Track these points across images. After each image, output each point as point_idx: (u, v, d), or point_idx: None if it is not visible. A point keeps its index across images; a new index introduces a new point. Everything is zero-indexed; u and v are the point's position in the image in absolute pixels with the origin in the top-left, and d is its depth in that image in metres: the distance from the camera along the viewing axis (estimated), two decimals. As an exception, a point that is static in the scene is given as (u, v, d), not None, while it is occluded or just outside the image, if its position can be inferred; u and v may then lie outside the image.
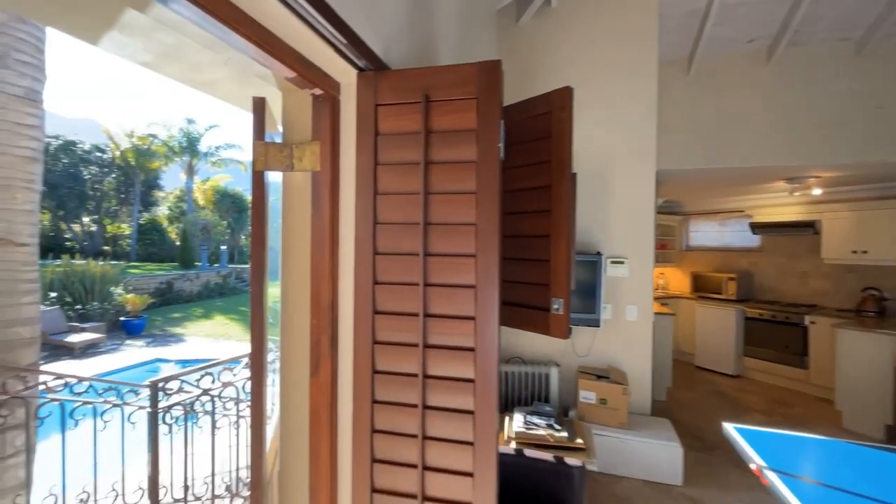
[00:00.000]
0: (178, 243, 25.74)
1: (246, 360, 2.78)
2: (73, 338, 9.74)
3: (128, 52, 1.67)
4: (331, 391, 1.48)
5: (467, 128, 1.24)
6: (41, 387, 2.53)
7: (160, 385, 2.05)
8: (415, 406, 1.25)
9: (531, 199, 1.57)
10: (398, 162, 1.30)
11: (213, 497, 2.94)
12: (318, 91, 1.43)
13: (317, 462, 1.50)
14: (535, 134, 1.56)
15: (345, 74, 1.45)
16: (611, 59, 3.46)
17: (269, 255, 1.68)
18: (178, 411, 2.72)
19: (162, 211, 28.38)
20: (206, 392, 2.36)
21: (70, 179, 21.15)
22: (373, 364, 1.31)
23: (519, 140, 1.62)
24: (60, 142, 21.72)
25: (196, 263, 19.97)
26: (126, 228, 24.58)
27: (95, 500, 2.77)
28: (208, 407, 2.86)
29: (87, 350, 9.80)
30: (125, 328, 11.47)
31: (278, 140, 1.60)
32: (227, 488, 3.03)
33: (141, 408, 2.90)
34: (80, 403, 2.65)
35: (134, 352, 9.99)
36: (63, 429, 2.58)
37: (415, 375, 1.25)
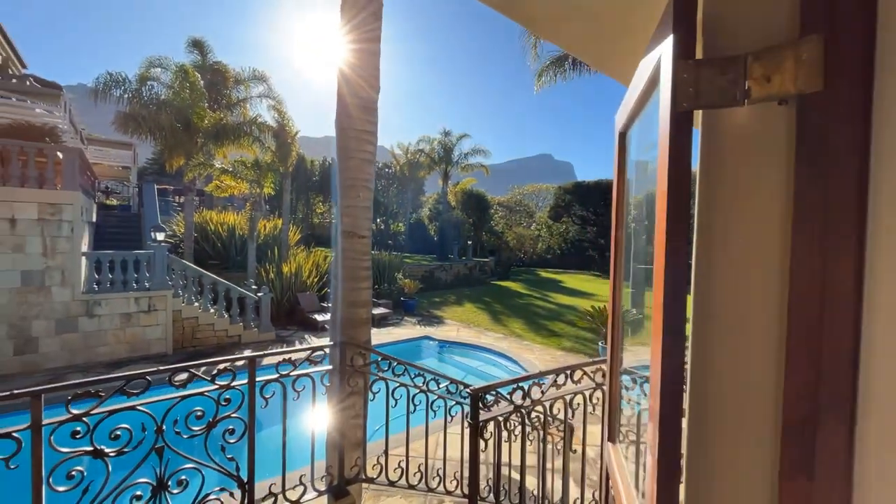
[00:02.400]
0: (435, 238, 30.72)
1: (553, 376, 2.35)
2: (374, 310, 12.63)
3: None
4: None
5: None
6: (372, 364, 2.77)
7: (481, 395, 1.80)
8: None
9: None
10: None
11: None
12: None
13: None
14: None
15: None
16: None
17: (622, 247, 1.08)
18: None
19: (424, 212, 34.54)
20: (518, 409, 2.03)
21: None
22: None
23: None
24: (366, 163, 29.32)
25: (449, 256, 23.22)
26: (401, 227, 31.12)
27: (407, 476, 2.97)
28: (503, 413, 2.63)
29: (381, 321, 12.51)
30: (403, 306, 14.16)
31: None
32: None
33: (440, 396, 2.94)
34: (398, 385, 2.86)
35: (409, 327, 12.11)
36: (387, 404, 2.84)
37: None
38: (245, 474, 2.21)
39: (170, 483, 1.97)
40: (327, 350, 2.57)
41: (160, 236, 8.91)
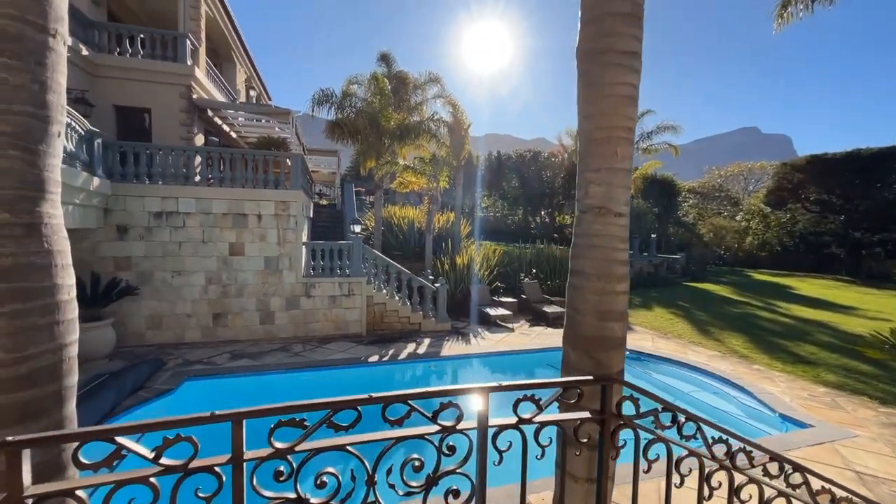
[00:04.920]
0: (607, 232, 27.60)
1: None
2: (547, 308, 11.60)
3: None
4: None
5: None
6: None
7: None
8: None
9: None
10: None
11: None
12: None
13: None
14: None
15: None
16: None
17: None
18: None
19: (594, 202, 31.48)
20: None
21: (537, 182, 27.15)
22: None
23: None
24: (531, 154, 28.30)
25: (629, 251, 20.34)
26: (569, 219, 29.03)
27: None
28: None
29: (556, 321, 11.40)
30: (579, 307, 12.68)
31: None
32: None
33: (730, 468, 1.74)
34: (655, 439, 1.79)
35: (589, 331, 10.64)
36: (636, 466, 1.81)
37: None
38: (469, 553, 1.52)
39: (382, 554, 1.39)
40: (577, 388, 1.70)
41: (357, 228, 9.83)
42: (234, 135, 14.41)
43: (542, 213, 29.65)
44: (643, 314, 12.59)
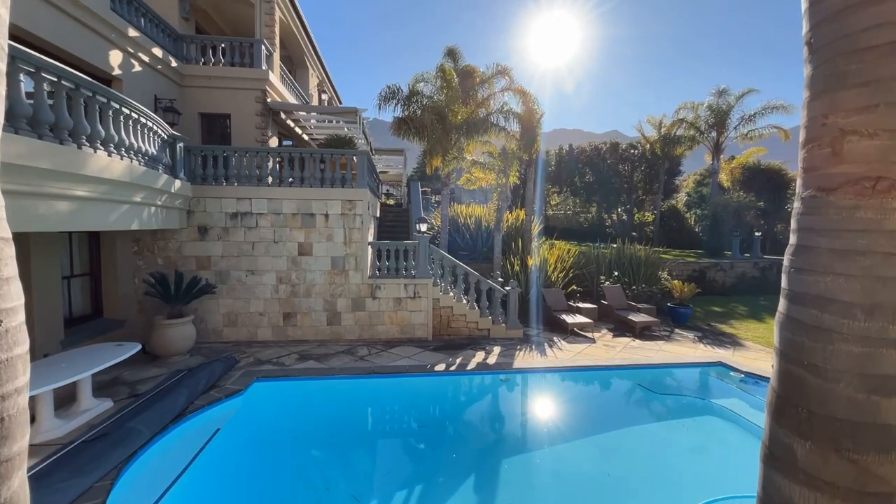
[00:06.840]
0: (697, 230, 24.54)
1: None
2: (633, 316, 10.19)
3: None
4: None
5: None
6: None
7: None
8: None
9: None
10: None
11: None
12: None
13: None
14: None
15: None
16: None
17: None
18: None
19: (680, 198, 28.29)
20: None
21: (614, 175, 24.94)
22: None
23: None
24: (607, 145, 26.10)
25: (725, 252, 17.65)
26: (649, 216, 26.32)
27: None
28: None
29: (644, 331, 9.97)
30: (671, 315, 11.04)
31: None
32: None
33: None
34: None
35: (686, 344, 9.10)
36: None
37: None
38: None
39: None
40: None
41: (423, 227, 9.34)
42: (305, 137, 14.79)
43: (619, 209, 27.26)
44: (753, 326, 10.63)
